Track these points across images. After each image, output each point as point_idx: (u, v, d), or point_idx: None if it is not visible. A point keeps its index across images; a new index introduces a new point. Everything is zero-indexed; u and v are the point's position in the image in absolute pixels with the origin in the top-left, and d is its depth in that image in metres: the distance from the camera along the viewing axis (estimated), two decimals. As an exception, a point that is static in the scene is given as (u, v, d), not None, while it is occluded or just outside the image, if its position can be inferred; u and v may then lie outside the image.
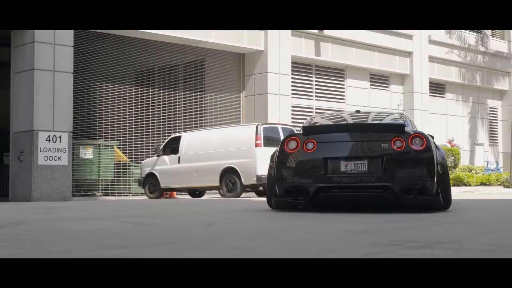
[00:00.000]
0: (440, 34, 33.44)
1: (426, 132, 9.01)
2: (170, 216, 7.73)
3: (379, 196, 7.97)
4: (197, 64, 27.52)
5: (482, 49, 35.65)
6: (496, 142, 37.62)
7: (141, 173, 22.23)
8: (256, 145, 19.12)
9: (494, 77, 36.72)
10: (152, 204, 13.00)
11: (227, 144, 19.76)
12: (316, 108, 28.54)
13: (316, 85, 28.68)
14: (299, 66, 27.73)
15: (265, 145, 19.20)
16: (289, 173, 8.24)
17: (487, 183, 30.74)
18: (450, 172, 31.12)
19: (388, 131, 8.25)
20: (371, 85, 30.95)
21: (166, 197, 22.51)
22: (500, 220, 6.86)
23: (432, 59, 32.83)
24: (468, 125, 35.88)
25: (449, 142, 33.23)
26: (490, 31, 36.73)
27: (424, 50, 32.25)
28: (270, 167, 8.87)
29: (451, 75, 34.43)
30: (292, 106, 26.86)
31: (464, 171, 32.07)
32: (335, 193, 8.06)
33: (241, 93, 26.64)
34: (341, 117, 10.08)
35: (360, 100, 30.25)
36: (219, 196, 22.81)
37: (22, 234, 5.23)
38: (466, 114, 35.84)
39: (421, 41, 31.98)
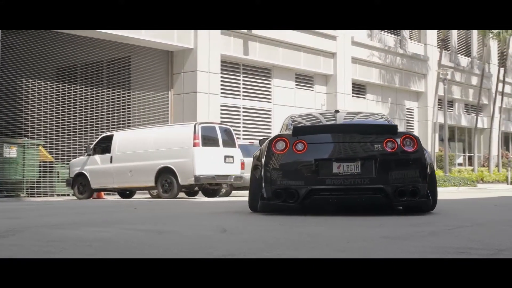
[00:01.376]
0: (362, 36, 33.97)
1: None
2: (167, 221, 7.31)
3: (373, 199, 7.82)
4: (123, 61, 26.82)
5: (401, 51, 36.46)
6: (413, 142, 38.52)
7: (69, 173, 21.37)
8: (194, 145, 18.71)
9: (411, 79, 37.65)
10: (107, 205, 12.42)
11: (164, 143, 19.25)
12: (243, 108, 28.39)
13: (243, 84, 28.52)
14: (227, 65, 27.50)
15: (203, 144, 18.83)
16: (278, 175, 7.95)
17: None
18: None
19: (381, 132, 8.11)
20: (296, 85, 31.07)
21: (94, 198, 21.76)
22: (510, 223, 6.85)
23: (354, 60, 33.29)
24: (387, 126, 36.54)
25: (370, 142, 33.75)
26: (408, 34, 37.61)
27: (348, 51, 32.65)
28: (255, 169, 8.54)
29: (372, 76, 35.03)
30: (220, 105, 26.59)
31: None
32: (328, 196, 7.85)
33: (170, 92, 26.15)
34: (326, 117, 9.85)
35: (286, 100, 30.32)
36: (149, 196, 22.30)
37: (43, 245, 4.77)
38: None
39: (344, 42, 32.36)
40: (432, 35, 39.14)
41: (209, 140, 19.14)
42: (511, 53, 44.77)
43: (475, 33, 44.01)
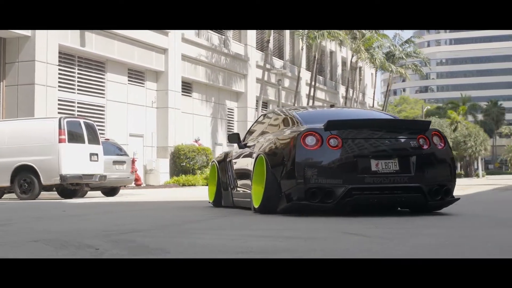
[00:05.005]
0: (191, 33, 33.35)
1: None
2: (243, 226, 6.24)
3: (412, 198, 7.30)
4: None
5: (225, 50, 36.36)
6: (233, 142, 38.62)
7: None
8: (60, 141, 16.93)
9: (233, 79, 37.72)
10: (28, 208, 10.64)
11: (21, 139, 17.19)
12: (78, 103, 26.51)
13: (78, 78, 26.64)
14: (63, 57, 25.48)
15: (69, 141, 17.13)
16: (313, 173, 7.11)
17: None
18: (201, 172, 31.20)
19: (415, 128, 7.65)
20: (129, 80, 29.71)
21: None
22: None
23: (184, 57, 32.59)
24: (210, 125, 36.35)
25: (196, 141, 33.29)
26: (231, 33, 37.63)
27: (178, 48, 31.88)
28: (273, 167, 7.57)
29: (199, 74, 34.53)
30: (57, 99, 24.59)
31: (211, 171, 32.30)
32: (368, 195, 7.19)
33: (1, 83, 23.62)
34: (330, 111, 9.13)
35: (118, 96, 28.88)
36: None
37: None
38: (209, 114, 36.26)
39: (175, 39, 31.55)
40: (252, 36, 39.56)
41: (74, 136, 17.48)
42: (318, 57, 46.63)
43: (288, 36, 45.27)
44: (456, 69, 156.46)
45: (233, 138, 9.91)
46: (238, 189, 9.60)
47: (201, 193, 20.48)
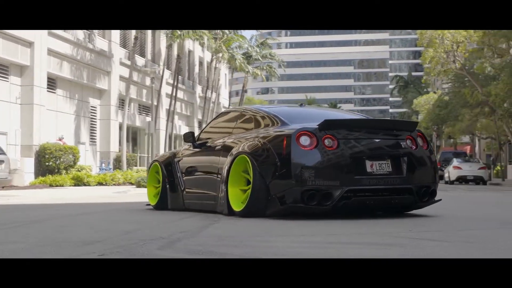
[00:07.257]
0: (57, 27, 31.81)
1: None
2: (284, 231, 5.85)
3: (404, 199, 7.28)
4: None
5: (90, 46, 35.06)
6: (95, 141, 37.38)
7: None
8: None
9: (97, 76, 36.46)
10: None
11: None
12: None
13: None
14: None
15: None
16: (310, 174, 6.88)
17: (104, 183, 30.35)
18: (67, 172, 29.94)
19: (404, 129, 7.63)
20: (-8, 75, 27.85)
21: None
22: None
23: (50, 52, 31.04)
24: (74, 123, 34.89)
25: (60, 139, 31.84)
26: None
27: (44, 41, 30.31)
28: (260, 166, 7.21)
29: (64, 70, 33.01)
30: None
31: (76, 170, 31.08)
32: (365, 197, 7.06)
33: None
34: (302, 110, 8.80)
35: (-19, 91, 26.98)
36: None
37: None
38: (72, 112, 34.77)
39: (41, 32, 29.96)
40: (115, 32, 38.44)
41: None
42: (180, 56, 46.17)
43: (149, 34, 44.43)
44: (296, 72, 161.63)
45: (187, 137, 9.41)
46: (191, 190, 9.17)
47: (82, 193, 19.61)
